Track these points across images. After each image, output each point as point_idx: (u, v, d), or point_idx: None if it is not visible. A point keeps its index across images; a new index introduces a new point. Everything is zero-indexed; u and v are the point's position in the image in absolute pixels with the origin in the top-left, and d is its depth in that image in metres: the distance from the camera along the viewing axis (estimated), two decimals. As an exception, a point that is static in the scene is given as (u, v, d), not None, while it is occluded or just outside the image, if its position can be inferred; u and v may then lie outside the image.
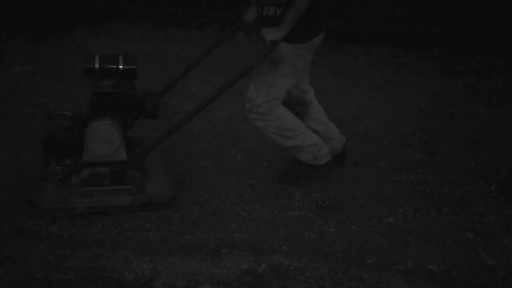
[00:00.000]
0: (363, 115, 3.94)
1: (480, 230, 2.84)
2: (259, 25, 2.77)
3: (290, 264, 2.51)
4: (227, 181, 3.17)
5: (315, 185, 3.11)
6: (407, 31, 5.01)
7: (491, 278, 2.53)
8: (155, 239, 2.71)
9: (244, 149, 3.48)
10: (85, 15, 5.24)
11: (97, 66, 2.72)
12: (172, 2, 5.34)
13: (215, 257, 2.56)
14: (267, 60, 2.73)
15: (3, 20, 5.06)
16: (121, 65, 2.75)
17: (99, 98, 2.79)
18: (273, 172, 3.24)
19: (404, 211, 2.97)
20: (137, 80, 2.89)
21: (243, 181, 3.17)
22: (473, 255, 2.67)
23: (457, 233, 2.81)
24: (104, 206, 2.81)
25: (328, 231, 2.81)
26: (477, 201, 3.06)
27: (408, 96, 4.28)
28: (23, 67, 4.45)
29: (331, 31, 5.01)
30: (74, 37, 5.08)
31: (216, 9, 5.21)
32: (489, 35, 4.91)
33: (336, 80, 4.47)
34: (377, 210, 2.97)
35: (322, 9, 2.73)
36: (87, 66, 2.73)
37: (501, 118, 4.01)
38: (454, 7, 4.96)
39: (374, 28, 5.08)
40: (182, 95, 3.97)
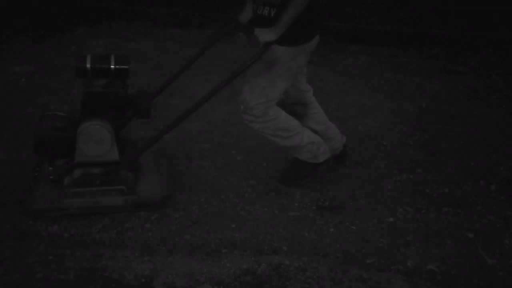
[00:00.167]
0: (363, 115, 3.94)
1: (480, 230, 2.84)
2: (253, 25, 2.76)
3: (290, 264, 2.51)
4: (227, 181, 3.17)
5: (315, 185, 3.11)
6: (407, 31, 5.01)
7: (491, 278, 2.53)
8: (155, 239, 2.71)
9: (244, 149, 3.48)
10: (85, 15, 5.23)
11: (89, 66, 2.71)
12: (172, 2, 5.34)
13: (215, 257, 2.56)
14: (261, 62, 2.70)
15: (3, 20, 5.06)
16: (112, 65, 2.74)
17: (91, 98, 2.78)
18: (273, 172, 3.24)
19: (404, 211, 2.97)
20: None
21: (243, 181, 3.17)
22: (473, 255, 2.67)
23: (457, 233, 2.81)
24: (96, 206, 2.80)
25: (328, 231, 2.81)
26: (477, 201, 3.06)
27: (408, 96, 4.28)
28: (23, 67, 4.45)
29: (331, 31, 5.05)
30: (74, 37, 5.07)
31: (216, 9, 5.22)
32: (489, 35, 4.91)
33: (336, 80, 4.47)
34: (377, 210, 2.97)
35: (317, 12, 2.72)
36: (79, 66, 2.73)
37: (501, 118, 4.01)
38: (454, 7, 4.96)
39: (374, 28, 5.08)
40: (182, 95, 3.97)
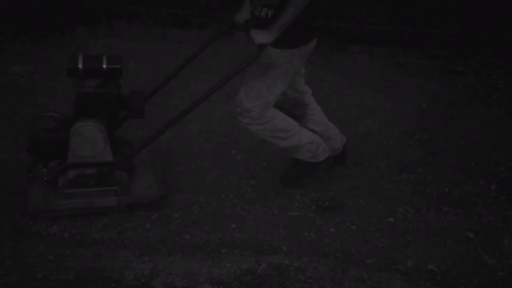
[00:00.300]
0: (363, 115, 3.94)
1: (480, 230, 2.84)
2: (250, 26, 2.74)
3: (290, 264, 2.51)
4: (227, 181, 3.17)
5: (315, 185, 3.11)
6: (407, 31, 5.01)
7: (491, 278, 2.53)
8: (155, 239, 2.71)
9: (244, 149, 3.48)
10: (85, 15, 5.23)
11: (81, 66, 2.71)
12: (172, 2, 5.34)
13: (215, 257, 2.56)
14: (257, 64, 2.70)
15: (3, 20, 5.06)
16: (104, 65, 2.73)
17: (83, 98, 2.77)
18: (273, 172, 3.24)
19: (404, 211, 2.97)
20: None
21: (243, 181, 3.17)
22: (473, 255, 2.67)
23: (457, 233, 2.81)
24: (89, 207, 2.80)
25: (328, 231, 2.81)
26: (477, 201, 3.06)
27: (408, 96, 4.28)
28: (23, 67, 4.45)
29: (331, 31, 5.05)
30: (74, 37, 5.07)
31: (216, 9, 5.21)
32: (489, 35, 4.91)
33: (336, 80, 4.47)
34: (377, 210, 2.97)
35: (314, 15, 2.71)
36: (71, 66, 2.73)
37: (501, 118, 4.01)
38: (454, 7, 4.96)
39: (374, 28, 5.08)
40: (181, 95, 3.97)
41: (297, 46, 2.70)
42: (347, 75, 4.59)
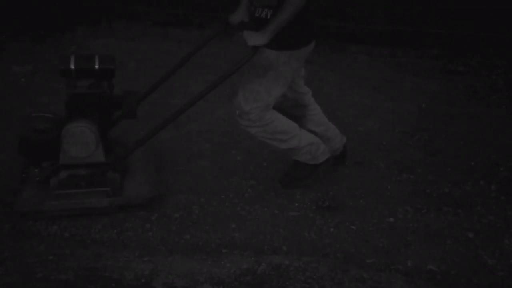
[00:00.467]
0: (363, 115, 3.94)
1: (480, 230, 2.84)
2: (244, 27, 2.74)
3: (290, 264, 2.51)
4: (227, 181, 3.17)
5: (315, 185, 3.11)
6: (407, 31, 5.01)
7: (491, 278, 2.53)
8: (155, 239, 2.71)
9: (244, 149, 3.48)
10: (85, 15, 5.23)
11: (73, 67, 2.71)
12: (172, 2, 5.34)
13: (215, 257, 2.56)
14: (255, 66, 2.70)
15: (3, 20, 5.06)
16: (97, 65, 2.73)
17: (75, 99, 2.77)
18: (273, 172, 3.24)
19: (404, 211, 2.97)
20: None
21: (243, 181, 3.17)
22: (473, 255, 2.67)
23: (457, 233, 2.81)
24: (81, 208, 2.79)
25: (328, 231, 2.81)
26: (477, 201, 3.06)
27: (408, 96, 4.28)
28: (23, 67, 4.45)
29: (331, 31, 5.05)
30: (74, 37, 5.07)
31: (216, 9, 5.21)
32: (489, 35, 4.91)
33: (336, 80, 4.47)
34: (377, 210, 2.97)
35: (311, 17, 2.71)
36: (63, 67, 2.72)
37: (501, 118, 4.01)
38: (454, 7, 4.96)
39: (374, 28, 5.08)
40: (181, 95, 3.97)
41: (296, 47, 2.69)
42: (347, 75, 4.59)
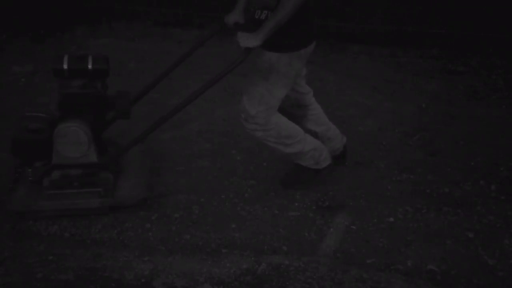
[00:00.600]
0: (363, 115, 3.94)
1: (480, 230, 2.84)
2: (238, 28, 2.74)
3: (290, 264, 2.51)
4: (227, 181, 3.17)
5: (315, 185, 3.11)
6: (407, 31, 5.01)
7: (491, 278, 2.53)
8: (155, 239, 2.71)
9: (244, 149, 3.48)
10: (85, 15, 5.23)
11: (66, 66, 2.71)
12: (172, 2, 5.34)
13: (215, 257, 2.56)
14: (257, 70, 2.71)
15: (3, 20, 5.06)
16: (90, 66, 2.73)
17: (68, 99, 2.76)
18: (273, 172, 3.24)
19: (404, 211, 2.96)
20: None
21: (243, 181, 3.17)
22: (473, 255, 2.67)
23: (457, 233, 2.81)
24: (72, 208, 2.79)
25: (328, 231, 2.81)
26: (477, 201, 3.05)
27: (408, 96, 4.28)
28: (23, 67, 4.45)
29: (331, 31, 5.05)
30: (74, 37, 5.08)
31: (216, 9, 5.21)
32: (489, 35, 4.91)
33: (336, 80, 4.46)
34: (377, 210, 2.97)
35: (311, 18, 2.71)
36: (56, 67, 2.72)
37: (501, 118, 4.00)
38: (454, 7, 4.96)
39: (374, 28, 5.08)
40: (181, 95, 3.96)
41: (297, 49, 2.69)
42: (347, 75, 4.59)
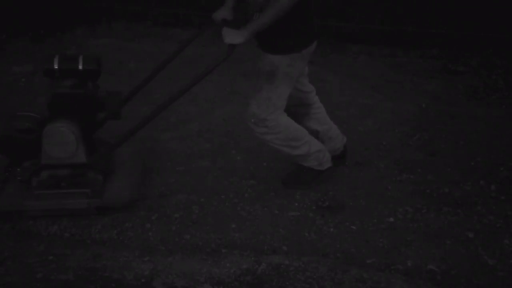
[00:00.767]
0: (363, 115, 3.94)
1: (480, 230, 2.84)
2: (224, 25, 2.74)
3: (290, 264, 2.51)
4: (227, 181, 3.17)
5: (315, 185, 3.11)
6: (407, 31, 5.01)
7: (491, 278, 2.53)
8: (155, 239, 2.71)
9: (244, 149, 3.47)
10: (85, 15, 5.23)
11: (56, 66, 2.71)
12: (172, 2, 5.34)
13: (215, 257, 2.56)
14: (261, 74, 2.73)
15: (3, 20, 5.06)
16: (80, 66, 2.73)
17: (57, 99, 2.76)
18: (273, 172, 3.24)
19: (404, 211, 2.96)
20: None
21: (243, 181, 3.17)
22: (473, 255, 2.67)
23: (457, 233, 2.81)
24: (59, 209, 2.78)
25: (328, 231, 2.81)
26: (477, 201, 3.05)
27: (408, 96, 4.28)
28: (23, 67, 4.45)
29: (331, 31, 5.05)
30: (74, 37, 5.07)
31: (216, 9, 5.21)
32: (489, 35, 4.91)
33: (336, 80, 4.46)
34: (377, 210, 2.97)
35: (311, 18, 2.71)
36: (46, 66, 2.72)
37: (501, 118, 4.00)
38: (454, 7, 4.95)
39: (374, 28, 5.07)
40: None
41: (298, 50, 2.70)
42: (347, 75, 4.59)
